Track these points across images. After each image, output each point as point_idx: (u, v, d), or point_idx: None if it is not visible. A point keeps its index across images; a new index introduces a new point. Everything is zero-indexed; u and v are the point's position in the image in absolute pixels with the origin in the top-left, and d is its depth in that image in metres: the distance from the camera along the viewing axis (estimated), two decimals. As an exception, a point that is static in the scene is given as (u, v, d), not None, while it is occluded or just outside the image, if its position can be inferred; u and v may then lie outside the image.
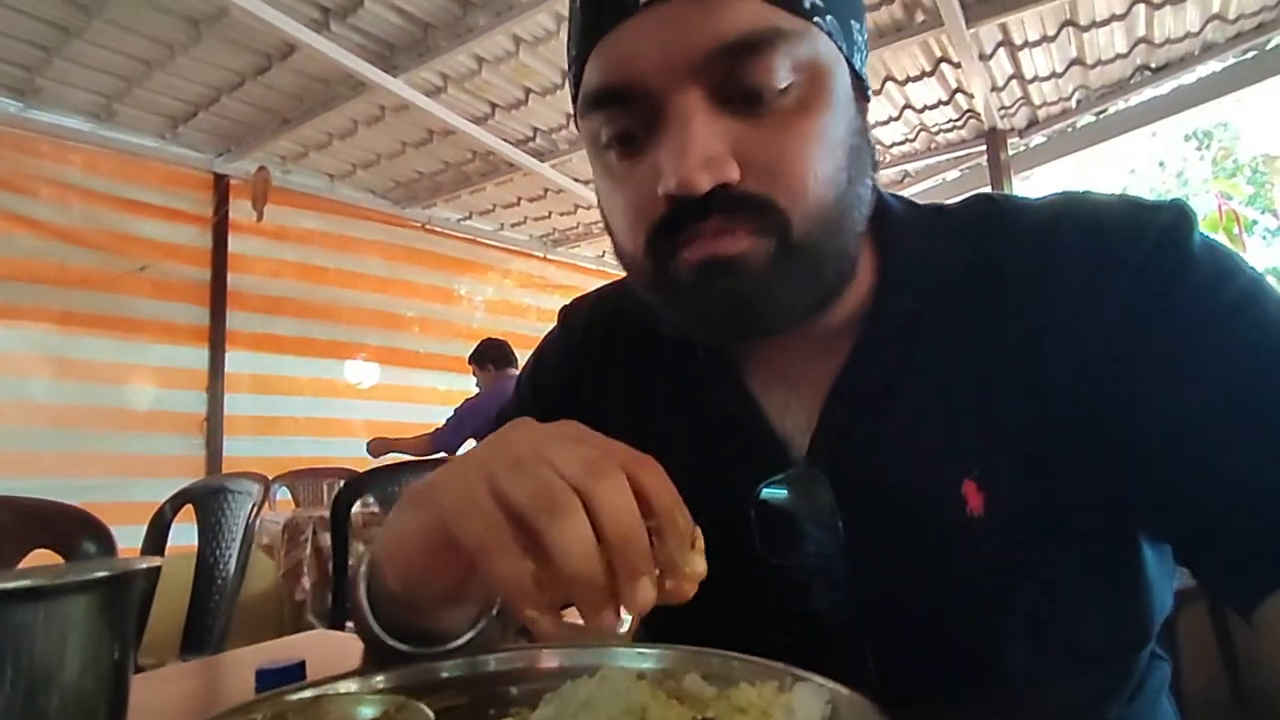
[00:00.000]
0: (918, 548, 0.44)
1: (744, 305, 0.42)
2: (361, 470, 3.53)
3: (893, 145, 3.50)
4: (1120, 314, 0.41)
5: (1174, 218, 0.42)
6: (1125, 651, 0.47)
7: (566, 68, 0.49)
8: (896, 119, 3.27)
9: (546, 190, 3.91)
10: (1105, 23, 2.60)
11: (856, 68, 0.44)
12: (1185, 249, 0.41)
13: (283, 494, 3.39)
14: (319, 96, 2.97)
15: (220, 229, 3.47)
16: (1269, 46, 2.75)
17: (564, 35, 2.53)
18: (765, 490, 0.47)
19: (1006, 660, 0.44)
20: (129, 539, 1.88)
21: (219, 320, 3.46)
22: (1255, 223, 8.37)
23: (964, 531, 0.43)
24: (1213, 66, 2.86)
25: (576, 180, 3.74)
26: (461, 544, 0.32)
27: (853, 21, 0.44)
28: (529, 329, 4.78)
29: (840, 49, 0.43)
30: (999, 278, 0.45)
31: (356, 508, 2.32)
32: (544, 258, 4.86)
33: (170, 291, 3.33)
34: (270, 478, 3.13)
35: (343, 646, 0.66)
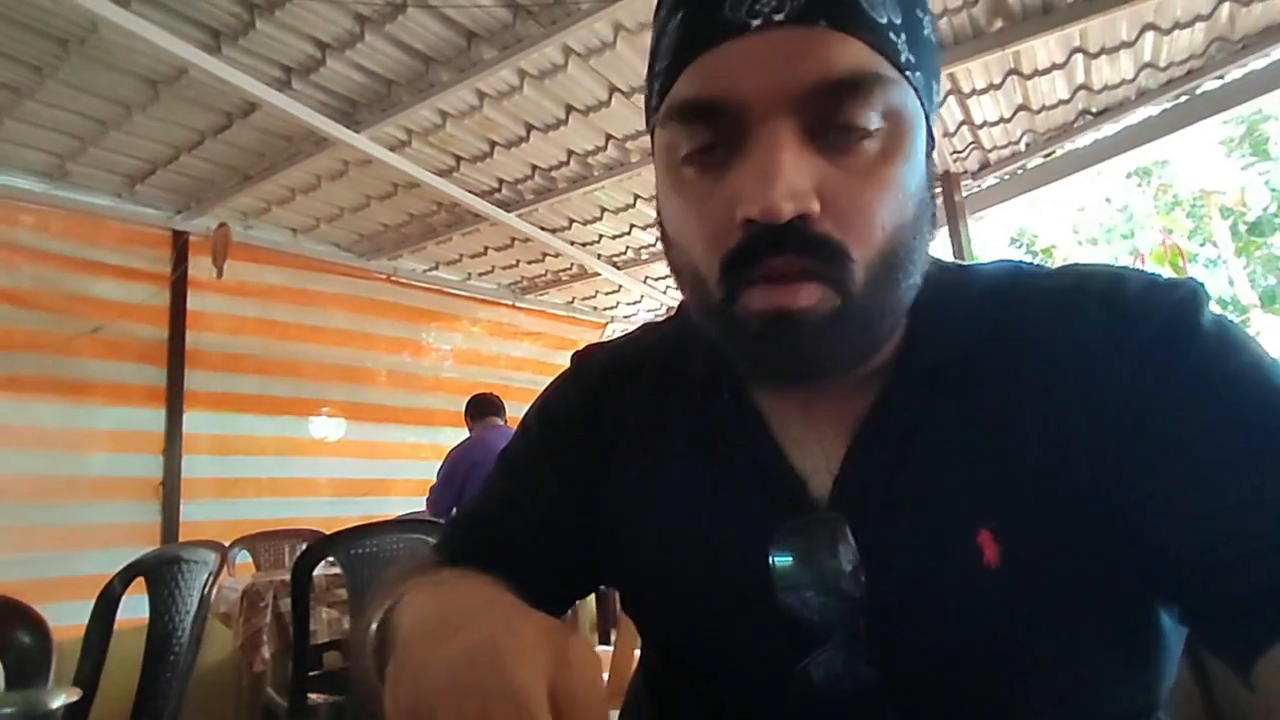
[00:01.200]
0: (935, 598, 0.44)
1: (799, 356, 0.43)
2: (326, 531, 3.44)
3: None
4: (1132, 381, 0.42)
5: (1188, 294, 0.44)
6: (1145, 713, 0.46)
7: (646, 79, 0.49)
8: (854, 164, 3.35)
9: (514, 239, 3.92)
10: (1047, 71, 2.73)
11: (930, 125, 0.46)
12: (1197, 322, 0.43)
13: (243, 558, 3.25)
14: (281, 152, 2.96)
15: (179, 287, 3.39)
16: (1198, 91, 2.91)
17: (527, 90, 2.58)
18: (776, 554, 0.47)
19: (1024, 718, 0.44)
20: (76, 615, 1.78)
21: (176, 380, 3.35)
22: (1196, 255, 8.74)
23: (980, 583, 0.43)
24: (1149, 110, 3.00)
25: (543, 229, 3.75)
26: None
27: (934, 83, 0.46)
28: (499, 377, 4.73)
29: (923, 106, 0.44)
30: (1020, 341, 0.46)
31: (319, 570, 2.23)
32: (513, 305, 4.84)
33: (125, 352, 3.22)
34: (229, 543, 3.02)
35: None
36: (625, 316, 5.45)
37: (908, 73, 0.42)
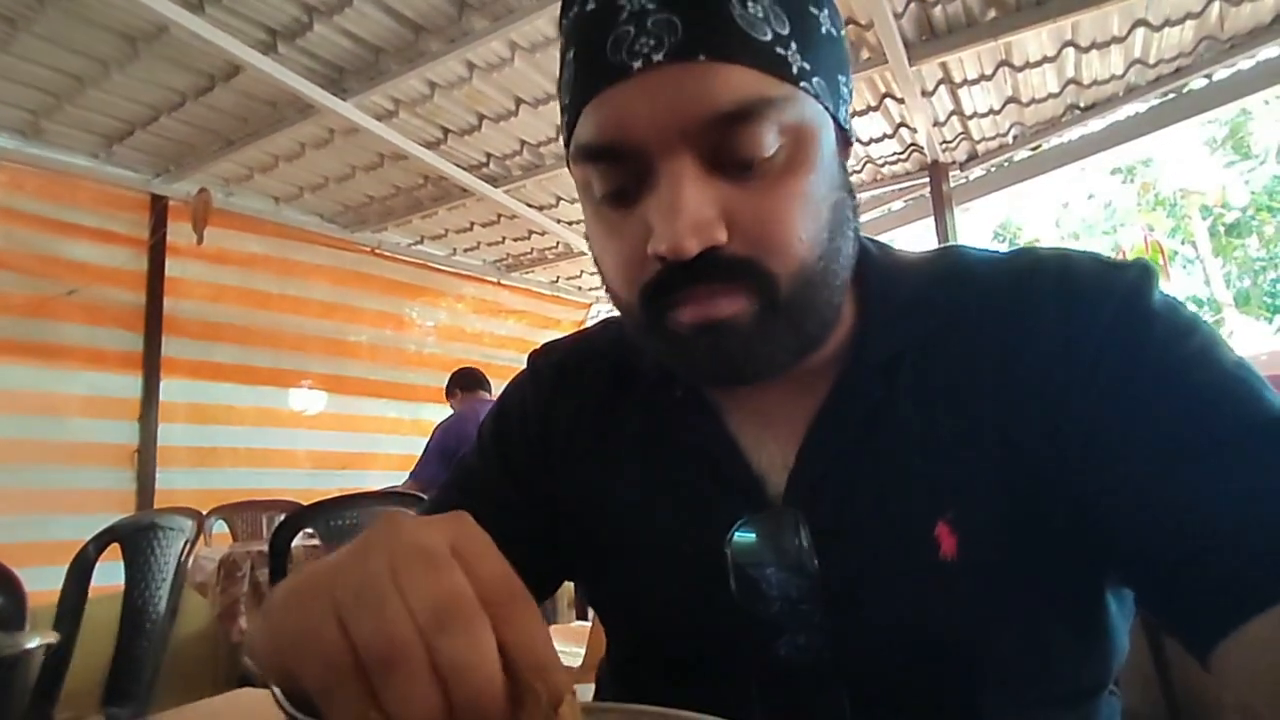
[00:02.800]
0: (892, 590, 0.44)
1: (732, 361, 0.43)
2: (304, 502, 3.42)
3: (841, 176, 3.59)
4: (1089, 364, 0.42)
5: (1138, 275, 0.44)
6: (1091, 694, 0.47)
7: (559, 116, 0.49)
8: (844, 151, 3.36)
9: (500, 215, 3.88)
10: (1038, 64, 2.73)
11: (840, 121, 0.46)
12: (1149, 304, 0.43)
13: (219, 528, 3.23)
14: (265, 118, 2.90)
15: (157, 252, 3.33)
16: (1185, 89, 2.93)
17: (518, 63, 2.54)
18: (738, 531, 0.47)
19: (979, 705, 0.44)
20: (49, 580, 1.76)
21: (154, 346, 3.31)
22: (1176, 253, 8.87)
23: (937, 574, 0.43)
24: (1136, 107, 3.03)
25: (530, 206, 3.73)
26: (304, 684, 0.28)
27: (839, 76, 0.45)
28: (482, 355, 4.71)
29: (826, 108, 0.44)
30: (972, 328, 0.46)
31: (298, 540, 2.22)
32: (498, 283, 4.81)
33: (101, 316, 3.17)
34: (205, 512, 3.00)
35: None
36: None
37: (803, 83, 0.41)
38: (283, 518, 2.38)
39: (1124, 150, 3.34)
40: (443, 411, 3.53)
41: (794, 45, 0.41)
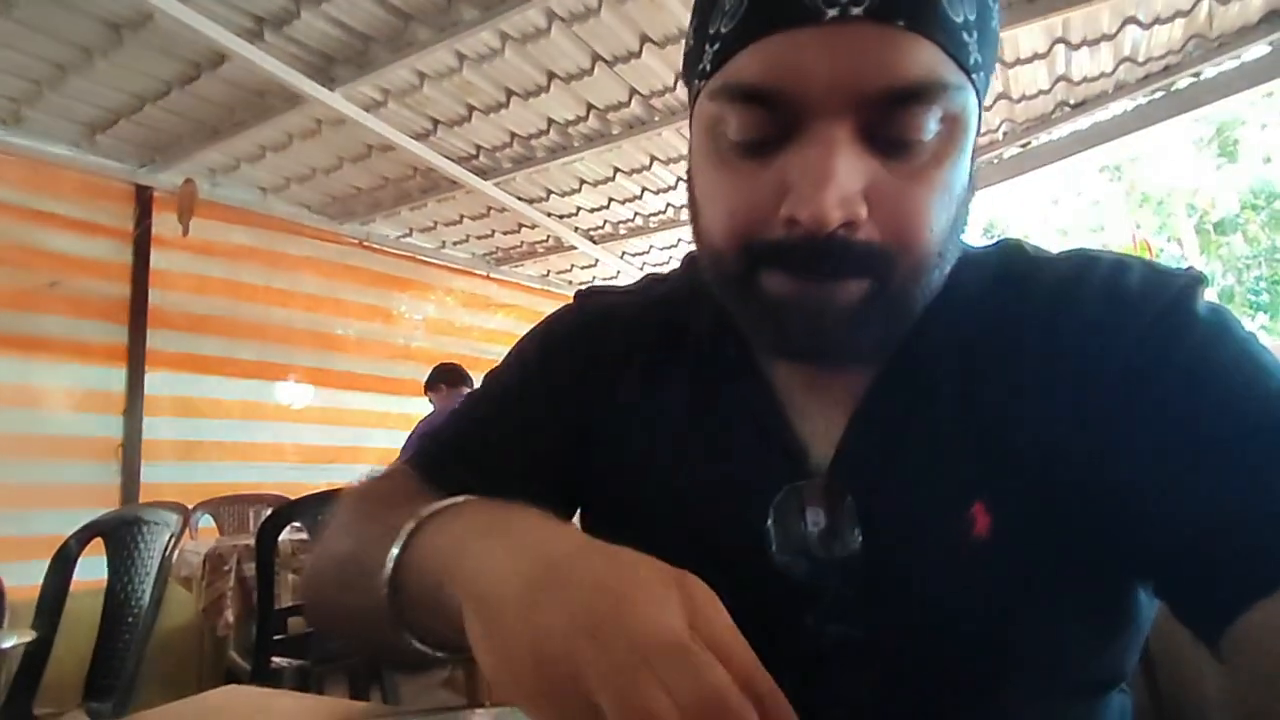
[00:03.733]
0: (926, 565, 0.45)
1: (828, 340, 0.43)
2: (291, 496, 3.40)
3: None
4: (1126, 363, 0.43)
5: (1187, 282, 0.45)
6: (1107, 687, 0.48)
7: (691, 41, 0.46)
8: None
9: (490, 208, 3.86)
10: (1029, 60, 2.74)
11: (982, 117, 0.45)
12: (1193, 309, 0.43)
13: (205, 522, 3.20)
14: (251, 108, 2.86)
15: (142, 243, 3.29)
16: (1174, 88, 2.95)
17: (508, 54, 2.52)
18: (783, 497, 0.47)
19: (998, 690, 0.45)
20: (30, 575, 1.74)
21: (138, 339, 3.27)
22: (1162, 251, 8.95)
23: (970, 553, 0.44)
24: (1125, 104, 3.04)
25: (520, 199, 3.71)
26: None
27: (992, 75, 0.45)
28: (471, 349, 4.69)
29: (980, 102, 0.43)
30: (1022, 323, 0.47)
31: (284, 535, 2.20)
32: (487, 276, 4.79)
33: (85, 308, 3.13)
34: (191, 506, 2.97)
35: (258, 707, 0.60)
36: (601, 291, 5.42)
37: (974, 74, 0.40)
38: (270, 512, 2.37)
39: (1113, 148, 3.36)
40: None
41: (975, 34, 0.40)
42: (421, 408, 4.51)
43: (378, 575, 0.40)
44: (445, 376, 3.44)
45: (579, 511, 0.60)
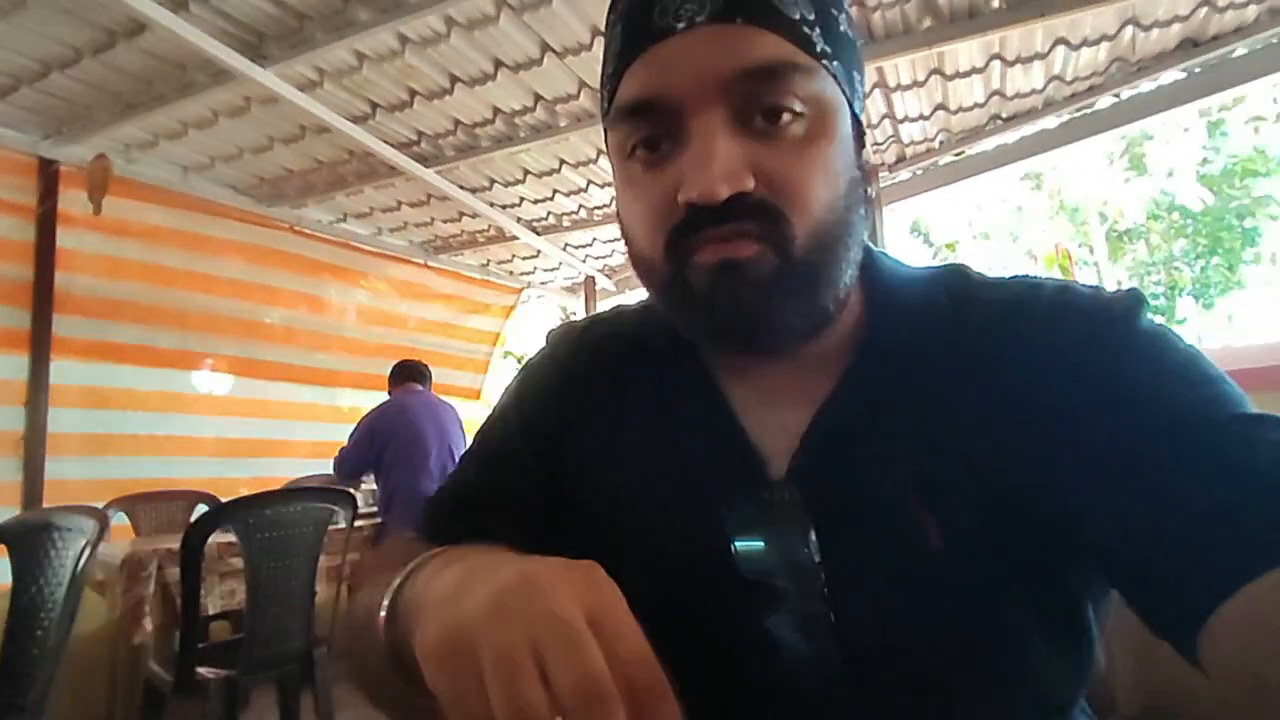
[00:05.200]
0: (882, 576, 0.46)
1: (750, 312, 0.45)
2: (213, 491, 3.23)
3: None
4: (1073, 375, 0.45)
5: (1130, 301, 0.47)
6: (1063, 709, 0.49)
7: (599, 85, 0.53)
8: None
9: (430, 196, 3.75)
10: (967, 74, 2.84)
11: (856, 113, 0.50)
12: (1136, 323, 0.46)
13: (119, 520, 3.01)
14: (173, 82, 2.68)
15: (47, 221, 3.04)
16: (1096, 107, 3.12)
17: (454, 39, 2.45)
18: (739, 507, 0.49)
19: (963, 703, 0.46)
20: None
21: (42, 324, 3.02)
22: (1072, 256, 9.49)
23: (923, 564, 0.45)
24: (1053, 119, 3.19)
25: (463, 188, 3.61)
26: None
27: (854, 72, 0.49)
28: (407, 339, 4.56)
29: (844, 92, 0.47)
30: (971, 335, 0.49)
31: (211, 537, 2.09)
32: (424, 265, 4.65)
33: (-21, 290, 2.88)
34: (103, 504, 2.78)
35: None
36: (542, 282, 5.35)
37: (824, 61, 0.45)
38: (199, 514, 2.24)
39: (1038, 160, 3.52)
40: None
41: (818, 29, 0.46)
42: (352, 399, 4.37)
43: (376, 628, 0.42)
44: (398, 372, 3.36)
45: (571, 538, 0.61)
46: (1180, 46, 2.74)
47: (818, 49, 0.45)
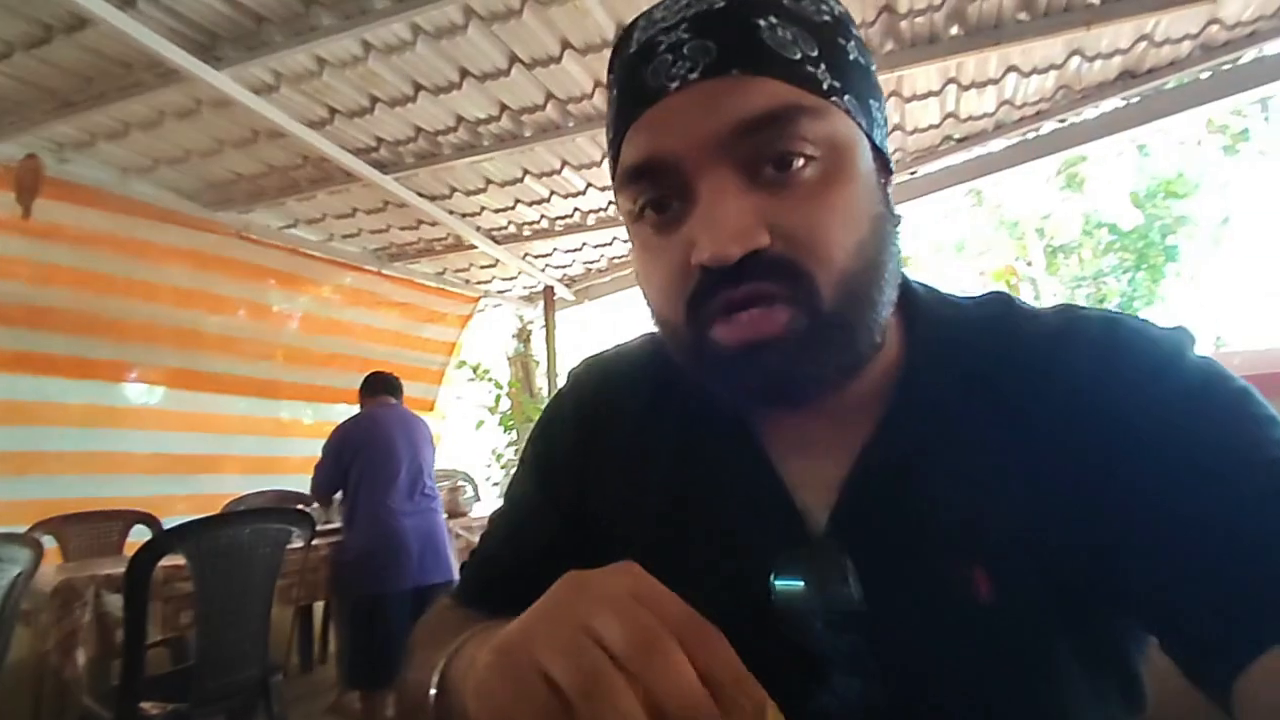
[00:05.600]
0: (932, 633, 0.44)
1: (777, 380, 0.43)
2: (149, 510, 3.06)
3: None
4: (1120, 422, 0.43)
5: (1178, 338, 0.46)
6: None
7: (607, 145, 0.51)
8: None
9: (387, 203, 3.65)
10: (924, 96, 2.93)
11: (877, 143, 0.47)
12: (1184, 366, 0.44)
13: (46, 543, 2.80)
14: (114, 80, 2.54)
15: (-33, 224, 2.84)
16: (1041, 131, 3.26)
17: (420, 48, 2.40)
18: (784, 566, 0.47)
19: None
20: None
21: (-39, 335, 2.82)
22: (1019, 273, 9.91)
23: (975, 618, 0.43)
24: (1003, 142, 3.32)
25: (422, 195, 3.53)
26: None
27: (871, 100, 0.47)
28: (357, 349, 4.42)
29: (860, 125, 0.45)
30: (1012, 378, 0.47)
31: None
32: (378, 273, 4.52)
33: (-109, 297, 2.66)
34: (26, 527, 2.60)
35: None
36: (500, 291, 5.28)
37: (833, 98, 0.43)
38: (143, 538, 2.10)
39: (988, 179, 3.66)
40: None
41: (823, 66, 0.43)
42: (300, 412, 4.21)
43: (428, 708, 0.42)
44: (370, 384, 3.14)
45: None
46: (1120, 77, 2.89)
47: (824, 86, 0.43)
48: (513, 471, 0.65)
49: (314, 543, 2.45)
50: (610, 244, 4.51)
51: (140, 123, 2.81)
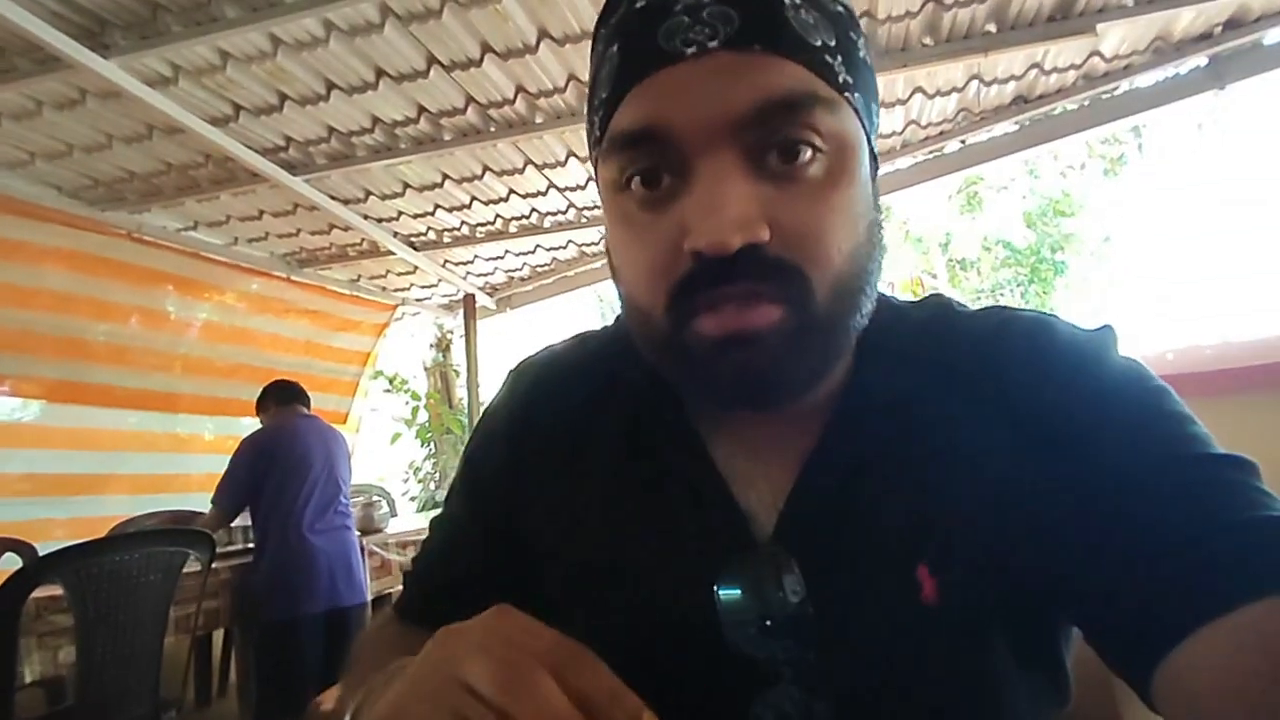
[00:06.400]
0: (878, 634, 0.44)
1: (759, 379, 0.41)
2: (20, 535, 2.79)
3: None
4: (1050, 418, 0.45)
5: (1103, 337, 0.48)
6: None
7: (586, 124, 0.48)
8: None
9: (297, 206, 3.48)
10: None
11: (873, 148, 0.47)
12: (1108, 362, 0.46)
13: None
14: (-15, 64, 2.32)
15: None
16: (945, 151, 3.44)
17: (334, 44, 2.31)
18: (728, 572, 0.45)
19: None
20: None
21: None
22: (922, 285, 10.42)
23: (920, 619, 0.43)
24: (907, 160, 3.49)
25: (335, 199, 3.38)
26: None
27: (873, 104, 0.46)
28: (263, 359, 4.19)
29: (863, 126, 0.44)
30: (950, 380, 0.48)
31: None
32: (287, 279, 4.30)
33: None
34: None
35: None
36: (418, 299, 5.12)
37: (847, 93, 0.42)
38: (10, 565, 1.90)
39: (896, 195, 3.83)
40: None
41: (840, 58, 0.42)
42: (198, 426, 3.94)
43: None
44: (276, 394, 2.93)
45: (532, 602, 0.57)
46: (1014, 102, 3.09)
47: (840, 79, 0.41)
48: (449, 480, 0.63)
49: (214, 565, 2.29)
50: (533, 252, 4.46)
51: (14, 113, 2.57)
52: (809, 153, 0.40)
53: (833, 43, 0.41)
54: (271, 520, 2.60)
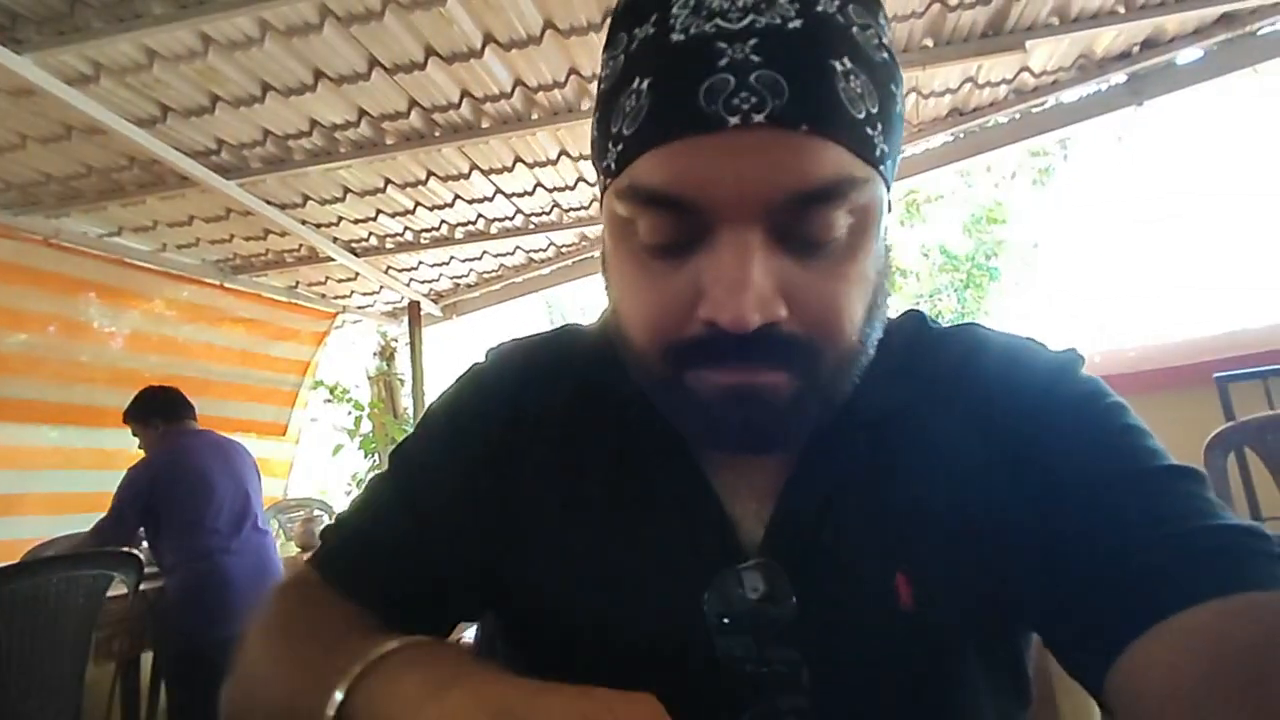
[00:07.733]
0: (860, 640, 0.45)
1: (762, 433, 0.42)
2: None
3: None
4: (1019, 432, 0.47)
5: (1069, 359, 0.51)
6: None
7: (595, 132, 0.46)
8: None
9: (230, 211, 3.35)
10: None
11: (890, 181, 0.45)
12: (1073, 383, 0.49)
13: None
14: (-119, 58, 2.16)
15: None
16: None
17: (269, 45, 2.23)
18: (718, 582, 0.46)
19: None
20: None
21: None
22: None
23: (898, 624, 0.45)
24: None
25: (270, 203, 3.27)
26: None
27: (898, 155, 0.45)
28: (196, 369, 4.01)
29: (887, 183, 0.43)
30: (929, 396, 0.50)
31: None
32: (220, 286, 4.12)
33: None
34: None
35: None
36: (360, 307, 4.99)
37: (881, 166, 0.41)
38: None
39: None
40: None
41: (880, 126, 0.40)
42: (123, 440, 3.73)
43: None
44: (159, 409, 2.57)
45: (502, 608, 0.56)
46: (950, 114, 3.20)
47: (877, 153, 0.40)
48: (404, 442, 0.57)
49: (141, 587, 2.17)
50: (480, 258, 4.40)
51: (-84, 109, 2.41)
52: (836, 233, 0.40)
53: (875, 110, 0.40)
54: (177, 547, 2.38)
